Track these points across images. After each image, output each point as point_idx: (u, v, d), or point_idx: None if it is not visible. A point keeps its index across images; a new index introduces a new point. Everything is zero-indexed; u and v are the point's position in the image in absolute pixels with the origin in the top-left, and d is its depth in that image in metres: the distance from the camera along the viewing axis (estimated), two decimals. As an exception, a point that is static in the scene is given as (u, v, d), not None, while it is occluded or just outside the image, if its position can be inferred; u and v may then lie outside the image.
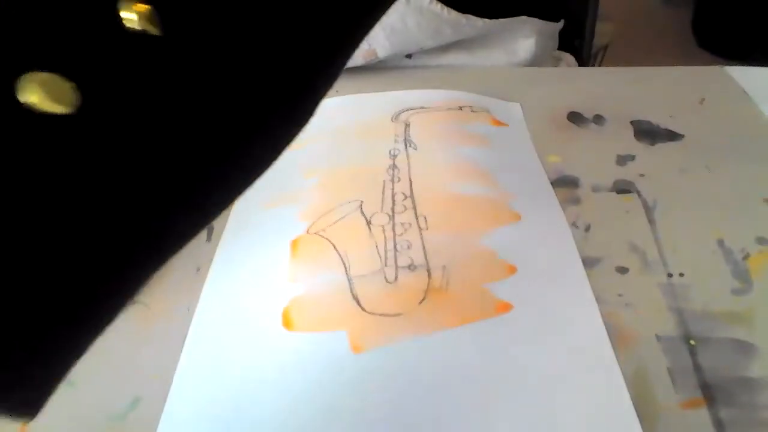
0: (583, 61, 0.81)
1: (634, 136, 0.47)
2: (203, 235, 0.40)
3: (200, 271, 0.37)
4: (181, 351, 0.32)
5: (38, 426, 0.29)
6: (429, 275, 0.34)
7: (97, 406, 0.30)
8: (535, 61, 0.68)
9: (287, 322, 0.33)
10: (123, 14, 0.15)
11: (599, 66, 0.94)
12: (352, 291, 0.34)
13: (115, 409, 0.30)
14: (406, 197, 0.40)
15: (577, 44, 0.80)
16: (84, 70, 0.15)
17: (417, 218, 0.38)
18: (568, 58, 0.76)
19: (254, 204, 0.42)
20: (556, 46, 0.75)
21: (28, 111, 0.14)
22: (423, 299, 0.33)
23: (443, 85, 0.53)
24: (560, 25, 0.68)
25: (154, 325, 0.34)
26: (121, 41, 0.15)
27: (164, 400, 0.30)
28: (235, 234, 0.40)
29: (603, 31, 0.90)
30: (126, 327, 0.34)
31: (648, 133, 0.47)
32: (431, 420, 0.28)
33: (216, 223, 0.41)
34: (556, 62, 0.74)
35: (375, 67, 0.58)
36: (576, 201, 0.41)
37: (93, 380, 0.31)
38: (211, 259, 0.38)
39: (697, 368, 0.30)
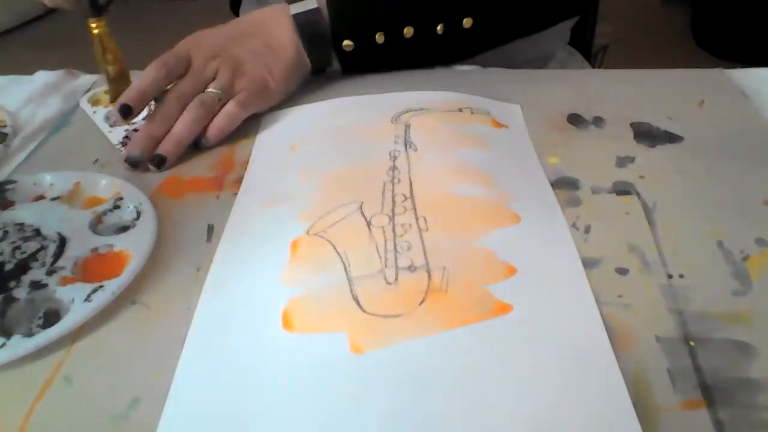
0: (589, 57, 0.81)
1: (634, 138, 0.47)
2: (203, 235, 0.40)
3: (200, 271, 0.37)
4: (181, 351, 0.32)
5: (38, 425, 0.29)
6: (429, 276, 0.35)
7: (97, 406, 0.30)
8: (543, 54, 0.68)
9: (287, 323, 0.33)
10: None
11: (599, 66, 0.94)
12: (352, 292, 0.34)
13: (115, 409, 0.30)
14: (406, 198, 0.40)
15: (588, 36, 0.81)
16: None
17: (417, 219, 0.39)
18: (577, 55, 0.77)
19: (254, 204, 0.42)
20: (567, 41, 0.75)
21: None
22: (423, 300, 0.33)
23: (443, 87, 0.53)
24: (573, 20, 0.69)
25: (154, 325, 0.34)
26: None
27: (164, 400, 0.30)
28: (235, 234, 0.40)
29: (603, 32, 0.90)
30: (126, 327, 0.34)
31: (648, 135, 0.47)
32: (431, 421, 0.28)
33: (216, 223, 0.41)
34: (567, 56, 0.75)
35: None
36: (576, 202, 0.41)
37: (93, 380, 0.31)
38: (211, 259, 0.38)
39: (697, 369, 0.30)
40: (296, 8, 0.53)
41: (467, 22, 0.54)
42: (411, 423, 0.28)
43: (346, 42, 0.53)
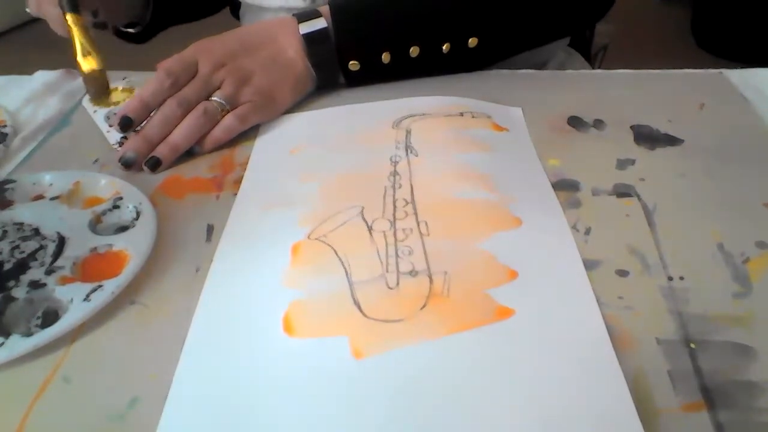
0: (589, 57, 0.81)
1: (634, 140, 0.47)
2: (203, 235, 0.40)
3: (199, 272, 0.37)
4: (180, 351, 0.32)
5: (36, 425, 0.29)
6: (430, 281, 0.34)
7: (95, 406, 0.30)
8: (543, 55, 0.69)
9: (288, 327, 0.33)
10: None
11: (599, 66, 0.94)
12: (353, 296, 0.34)
13: (114, 409, 0.30)
14: (407, 203, 0.40)
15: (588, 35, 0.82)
16: None
17: (418, 224, 0.38)
18: (576, 55, 0.77)
19: (254, 207, 0.42)
20: (568, 42, 0.75)
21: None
22: (424, 305, 0.33)
23: (444, 91, 0.53)
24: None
25: (153, 325, 0.34)
26: None
27: (162, 400, 0.30)
28: (235, 235, 0.40)
29: (603, 31, 0.90)
30: (125, 327, 0.34)
31: (648, 137, 0.47)
32: (432, 426, 0.28)
33: (215, 223, 0.41)
34: (566, 57, 0.75)
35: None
36: (576, 204, 0.41)
37: (91, 379, 0.31)
38: (211, 260, 0.38)
39: (697, 371, 0.30)
40: (305, 27, 0.53)
41: (472, 42, 0.54)
42: (412, 428, 0.28)
43: (352, 62, 0.54)
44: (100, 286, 0.35)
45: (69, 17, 0.52)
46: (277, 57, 0.53)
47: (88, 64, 0.53)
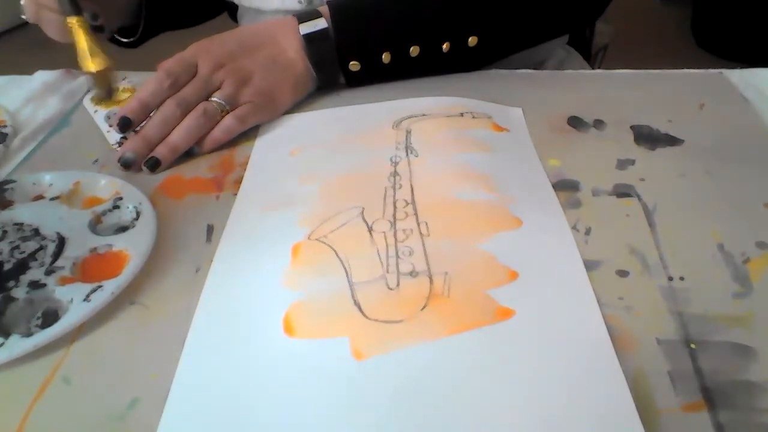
0: (588, 56, 0.82)
1: (634, 140, 0.47)
2: (203, 235, 0.40)
3: (199, 272, 0.37)
4: (181, 352, 0.32)
5: (36, 425, 0.29)
6: (431, 282, 0.34)
7: (95, 406, 0.30)
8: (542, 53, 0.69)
9: (288, 328, 0.33)
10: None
11: (599, 66, 0.94)
12: (353, 297, 0.34)
13: (114, 409, 0.30)
14: (407, 204, 0.40)
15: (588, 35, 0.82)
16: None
17: (418, 225, 0.38)
18: (575, 53, 0.77)
19: (254, 207, 0.42)
20: (566, 41, 0.75)
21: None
22: (425, 306, 0.33)
23: (444, 91, 0.53)
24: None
25: (153, 326, 0.34)
26: None
27: (162, 401, 0.30)
28: (235, 236, 0.40)
29: (603, 31, 0.90)
30: (125, 327, 0.34)
31: (648, 137, 0.47)
32: (434, 426, 0.28)
33: (215, 224, 0.41)
34: (565, 56, 0.75)
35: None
36: (576, 204, 0.41)
37: (91, 380, 0.31)
38: (211, 260, 0.38)
39: (698, 372, 0.30)
40: (306, 27, 0.53)
41: (472, 41, 0.54)
42: (412, 428, 0.28)
43: (352, 62, 0.54)
44: (100, 287, 0.35)
45: (73, 20, 0.53)
46: (277, 57, 0.53)
47: (95, 64, 0.53)
